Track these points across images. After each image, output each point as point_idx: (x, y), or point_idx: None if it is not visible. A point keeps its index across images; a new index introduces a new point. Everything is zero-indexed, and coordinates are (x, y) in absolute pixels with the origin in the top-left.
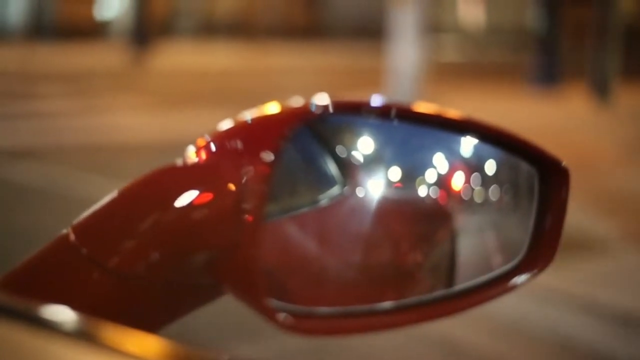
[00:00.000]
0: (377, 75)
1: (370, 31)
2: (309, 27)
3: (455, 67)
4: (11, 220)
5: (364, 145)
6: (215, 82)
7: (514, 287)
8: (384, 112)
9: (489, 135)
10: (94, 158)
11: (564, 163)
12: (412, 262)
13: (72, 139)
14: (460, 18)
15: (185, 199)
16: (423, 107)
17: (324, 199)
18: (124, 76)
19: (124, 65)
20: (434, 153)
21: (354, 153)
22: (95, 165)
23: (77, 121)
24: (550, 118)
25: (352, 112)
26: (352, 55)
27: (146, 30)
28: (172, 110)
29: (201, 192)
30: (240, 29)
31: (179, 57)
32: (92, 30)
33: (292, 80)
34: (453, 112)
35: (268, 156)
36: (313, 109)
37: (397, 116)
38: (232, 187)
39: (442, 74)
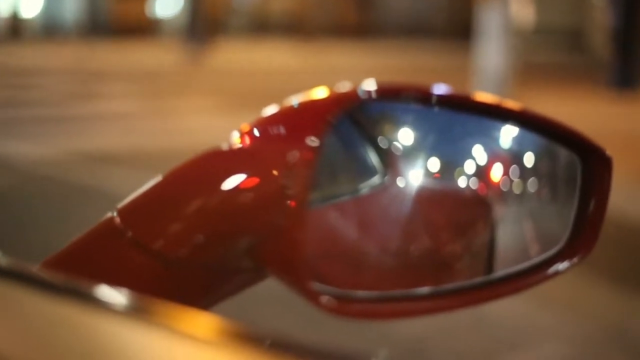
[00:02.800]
0: (441, 75)
1: (421, 30)
2: (361, 26)
3: (517, 68)
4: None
5: (405, 134)
6: (276, 81)
7: (555, 274)
8: (425, 98)
9: (530, 122)
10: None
11: (608, 151)
12: (451, 250)
13: (152, 143)
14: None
15: (232, 182)
16: (465, 93)
17: (365, 188)
18: (184, 75)
19: (182, 64)
20: (475, 141)
21: (394, 142)
22: None
23: (150, 123)
24: (633, 122)
25: (394, 98)
26: (409, 54)
27: (202, 29)
28: (242, 112)
29: (248, 176)
30: (293, 28)
31: (235, 56)
32: (144, 29)
33: (354, 80)
34: (494, 99)
35: (313, 141)
36: (360, 94)
37: (438, 102)
38: (276, 172)
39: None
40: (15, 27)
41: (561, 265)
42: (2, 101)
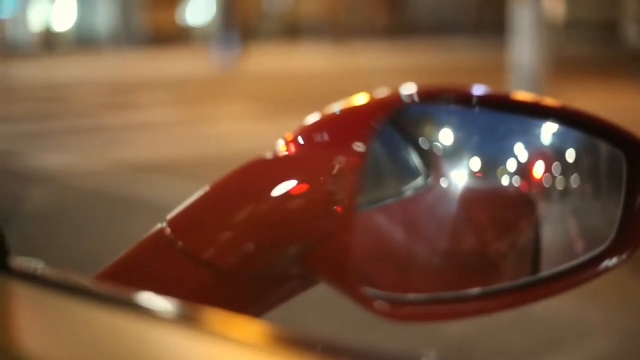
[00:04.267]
0: (476, 73)
1: (453, 28)
2: (393, 26)
3: (551, 63)
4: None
5: (446, 135)
6: (310, 85)
7: (606, 271)
8: (465, 99)
9: (572, 119)
10: (221, 171)
11: None
12: (497, 250)
13: (193, 151)
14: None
15: (280, 190)
16: (504, 93)
17: (409, 190)
18: (219, 82)
19: (216, 71)
20: (516, 140)
21: (436, 143)
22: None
23: (190, 131)
24: None
25: (435, 101)
26: (442, 53)
27: (235, 35)
28: (280, 117)
29: (296, 183)
30: (324, 31)
31: (269, 61)
32: (177, 37)
33: (390, 82)
34: (536, 97)
35: (359, 147)
36: (402, 98)
37: (479, 103)
38: (324, 178)
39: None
40: (49, 41)
41: (610, 262)
42: (40, 114)
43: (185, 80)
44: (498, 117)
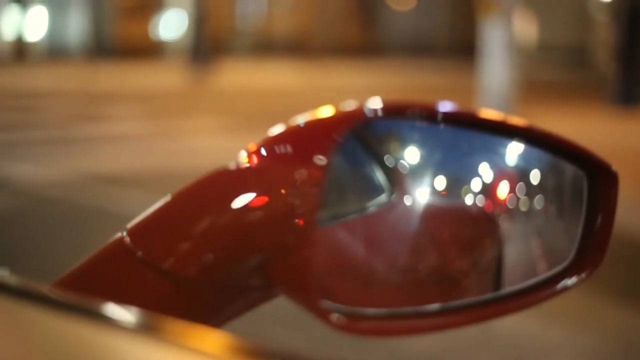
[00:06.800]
0: (445, 93)
1: (424, 49)
2: (365, 45)
3: (521, 85)
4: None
5: (411, 152)
6: (280, 101)
7: (564, 290)
8: (431, 116)
9: (536, 138)
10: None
11: (614, 167)
12: (459, 267)
13: (158, 164)
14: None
15: (241, 201)
16: (470, 110)
17: (372, 206)
18: (189, 96)
19: (187, 85)
20: (481, 159)
21: (401, 160)
22: None
23: (157, 144)
24: (637, 138)
25: (400, 116)
26: (413, 73)
27: (206, 50)
28: (248, 132)
29: (256, 195)
30: (296, 48)
31: (240, 76)
32: (148, 50)
33: (359, 99)
34: (500, 116)
35: (321, 160)
36: (366, 112)
37: (445, 120)
38: (285, 190)
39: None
40: (21, 50)
41: (569, 281)
42: (8, 123)
43: (156, 93)
44: (463, 134)
